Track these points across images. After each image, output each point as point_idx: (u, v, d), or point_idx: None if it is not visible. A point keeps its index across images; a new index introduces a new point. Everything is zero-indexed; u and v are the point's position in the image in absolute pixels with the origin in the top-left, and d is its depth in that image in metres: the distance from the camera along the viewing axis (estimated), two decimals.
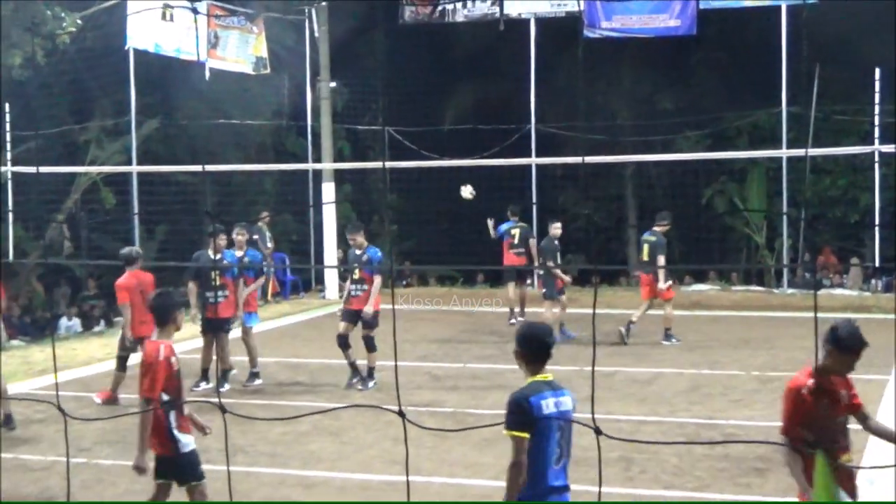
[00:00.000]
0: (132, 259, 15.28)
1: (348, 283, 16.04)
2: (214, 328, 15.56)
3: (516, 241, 22.19)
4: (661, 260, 19.44)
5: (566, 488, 6.79)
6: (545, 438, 6.58)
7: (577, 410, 6.76)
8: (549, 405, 6.61)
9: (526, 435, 6.53)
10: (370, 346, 15.50)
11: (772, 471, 10.73)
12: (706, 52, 31.24)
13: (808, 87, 26.79)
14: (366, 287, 15.56)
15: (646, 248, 19.77)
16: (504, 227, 22.37)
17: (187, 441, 8.44)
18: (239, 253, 16.15)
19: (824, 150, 26.34)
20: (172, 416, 8.35)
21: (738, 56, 30.36)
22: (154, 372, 8.27)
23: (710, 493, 10.16)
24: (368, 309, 15.41)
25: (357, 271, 15.64)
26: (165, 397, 8.33)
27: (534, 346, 6.85)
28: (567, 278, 20.56)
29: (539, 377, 6.78)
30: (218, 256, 16.24)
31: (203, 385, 15.54)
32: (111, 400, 14.89)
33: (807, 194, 29.45)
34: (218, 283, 15.62)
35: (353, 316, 15.62)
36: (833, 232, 30.72)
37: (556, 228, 20.27)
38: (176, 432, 8.36)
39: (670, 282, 19.78)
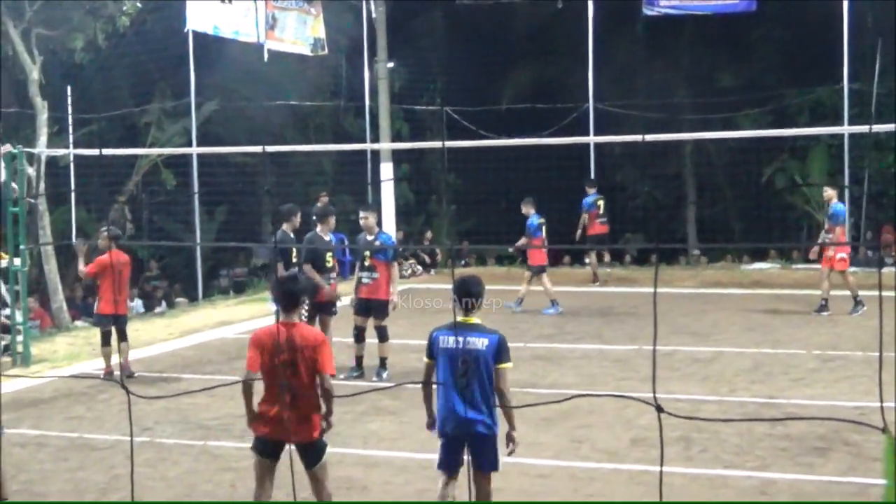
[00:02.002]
0: (117, 237, 15.51)
1: (357, 269, 15.23)
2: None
3: (601, 210, 23.68)
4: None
5: (478, 422, 7.84)
6: (442, 367, 7.95)
7: (638, 390, 6.75)
8: (448, 341, 7.94)
9: (428, 360, 8.10)
10: (383, 335, 14.96)
11: (833, 450, 10.64)
12: (766, 28, 30.92)
13: (870, 62, 26.45)
14: (376, 275, 14.91)
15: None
16: (589, 199, 23.23)
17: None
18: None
19: (887, 126, 25.90)
20: None
21: (798, 32, 30.02)
22: (328, 350, 8.15)
23: (771, 472, 10.08)
24: (395, 298, 14.97)
25: (368, 258, 14.93)
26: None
27: (459, 295, 8.17)
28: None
29: (462, 319, 8.04)
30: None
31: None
32: (110, 373, 15.21)
33: (869, 171, 29.06)
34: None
35: (364, 306, 15.00)
36: None
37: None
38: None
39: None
